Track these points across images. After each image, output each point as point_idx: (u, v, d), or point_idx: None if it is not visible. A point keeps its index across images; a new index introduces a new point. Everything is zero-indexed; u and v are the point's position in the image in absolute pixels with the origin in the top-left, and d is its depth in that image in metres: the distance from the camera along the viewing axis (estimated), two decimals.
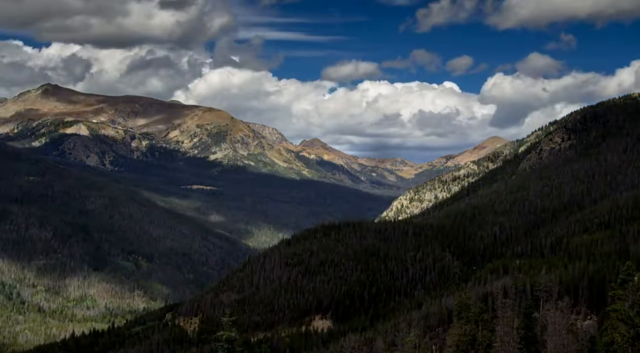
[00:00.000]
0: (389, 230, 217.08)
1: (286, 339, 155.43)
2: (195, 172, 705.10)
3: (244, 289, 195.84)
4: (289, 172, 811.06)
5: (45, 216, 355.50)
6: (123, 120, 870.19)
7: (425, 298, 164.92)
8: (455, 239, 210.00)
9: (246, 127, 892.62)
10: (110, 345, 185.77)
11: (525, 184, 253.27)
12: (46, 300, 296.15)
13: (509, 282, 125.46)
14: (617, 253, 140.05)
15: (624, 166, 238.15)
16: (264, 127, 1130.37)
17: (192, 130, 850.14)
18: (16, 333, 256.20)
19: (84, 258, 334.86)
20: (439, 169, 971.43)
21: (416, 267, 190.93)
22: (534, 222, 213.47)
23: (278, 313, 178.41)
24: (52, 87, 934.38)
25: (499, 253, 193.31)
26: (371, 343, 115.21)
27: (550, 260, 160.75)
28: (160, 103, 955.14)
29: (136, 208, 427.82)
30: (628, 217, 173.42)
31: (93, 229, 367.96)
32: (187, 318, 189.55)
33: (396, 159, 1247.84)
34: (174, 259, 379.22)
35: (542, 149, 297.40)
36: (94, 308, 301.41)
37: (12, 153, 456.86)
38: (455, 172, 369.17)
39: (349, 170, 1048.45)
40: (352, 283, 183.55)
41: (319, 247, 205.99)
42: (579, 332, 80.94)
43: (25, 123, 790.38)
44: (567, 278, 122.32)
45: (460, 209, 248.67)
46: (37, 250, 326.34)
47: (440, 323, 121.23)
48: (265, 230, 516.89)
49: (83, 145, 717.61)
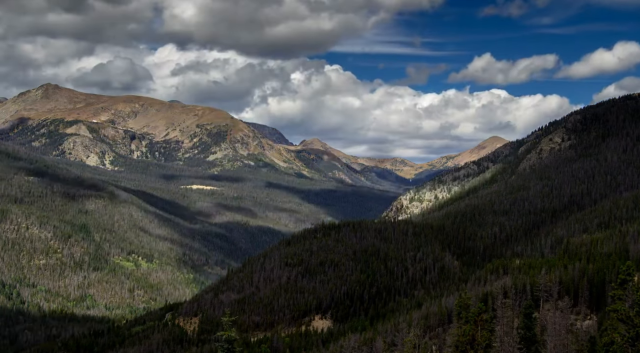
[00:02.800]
0: (389, 230, 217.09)
1: (286, 339, 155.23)
2: (195, 172, 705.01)
3: (243, 289, 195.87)
4: (288, 172, 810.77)
5: (45, 216, 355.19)
6: (123, 120, 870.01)
7: (425, 298, 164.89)
8: (455, 239, 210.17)
9: (246, 127, 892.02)
10: (110, 345, 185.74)
11: (525, 184, 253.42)
12: (46, 300, 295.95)
13: (509, 282, 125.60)
14: (617, 253, 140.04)
15: (624, 166, 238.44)
16: (264, 127, 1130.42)
17: (192, 130, 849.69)
18: (16, 333, 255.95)
19: (84, 258, 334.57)
20: (439, 169, 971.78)
21: (416, 267, 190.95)
22: (534, 222, 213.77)
23: (278, 313, 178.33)
24: (52, 87, 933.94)
25: (499, 253, 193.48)
26: (371, 343, 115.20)
27: (550, 260, 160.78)
28: (160, 103, 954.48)
29: (136, 208, 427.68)
30: (628, 217, 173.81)
31: (93, 229, 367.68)
32: (187, 318, 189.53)
33: (396, 159, 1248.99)
34: (173, 259, 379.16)
35: (542, 149, 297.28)
36: (94, 308, 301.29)
37: (12, 153, 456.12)
38: (455, 172, 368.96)
39: (349, 170, 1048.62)
40: (352, 283, 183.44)
41: (319, 247, 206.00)
42: (578, 332, 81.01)
43: (25, 123, 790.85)
44: (567, 278, 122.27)
45: (460, 209, 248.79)
46: (37, 250, 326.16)
47: (440, 323, 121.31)
48: (265, 230, 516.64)
49: (83, 145, 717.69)
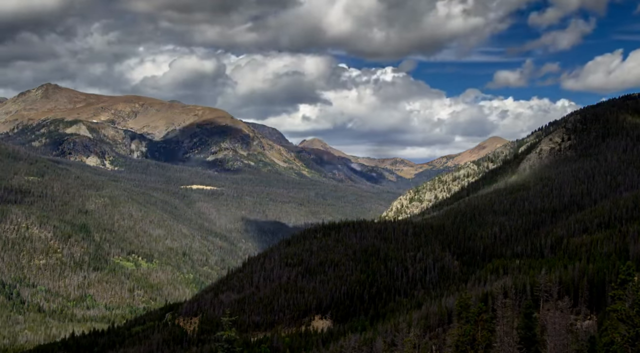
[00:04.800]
0: (389, 230, 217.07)
1: (286, 339, 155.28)
2: (195, 172, 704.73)
3: (243, 289, 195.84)
4: (288, 172, 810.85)
5: (45, 216, 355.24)
6: (123, 120, 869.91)
7: (425, 298, 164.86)
8: (455, 239, 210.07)
9: (246, 127, 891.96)
10: (110, 345, 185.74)
11: (525, 184, 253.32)
12: (46, 300, 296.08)
13: (509, 282, 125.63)
14: (617, 253, 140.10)
15: (624, 166, 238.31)
16: (264, 127, 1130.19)
17: (192, 130, 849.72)
18: (16, 333, 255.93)
19: (84, 258, 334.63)
20: (439, 169, 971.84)
21: (416, 267, 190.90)
22: (534, 222, 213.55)
23: (278, 313, 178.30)
24: (52, 87, 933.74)
25: (499, 253, 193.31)
26: (371, 343, 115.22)
27: (550, 260, 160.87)
28: (160, 103, 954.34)
29: (136, 208, 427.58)
30: (628, 217, 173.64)
31: (93, 229, 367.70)
32: (187, 318, 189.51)
33: (396, 159, 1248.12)
34: (174, 259, 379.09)
35: (542, 149, 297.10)
36: (94, 308, 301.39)
37: (11, 153, 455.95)
38: (455, 172, 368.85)
39: (349, 170, 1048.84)
40: (352, 283, 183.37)
41: (319, 247, 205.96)
42: (578, 332, 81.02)
43: (25, 123, 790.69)
44: (567, 278, 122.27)
45: (460, 209, 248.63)
46: (37, 250, 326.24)
47: (440, 323, 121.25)
48: (264, 230, 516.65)
49: (83, 145, 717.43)
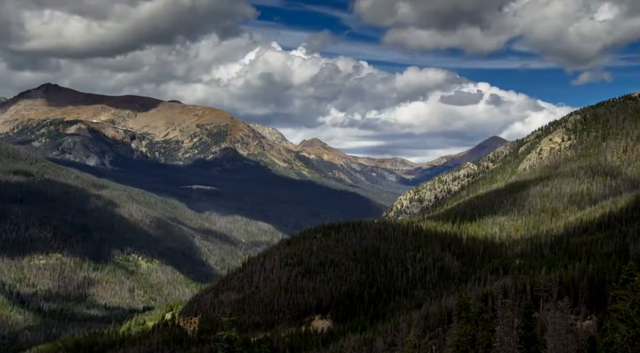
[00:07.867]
0: (389, 230, 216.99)
1: (286, 339, 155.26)
2: (195, 172, 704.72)
3: (243, 289, 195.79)
4: (288, 172, 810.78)
5: (45, 216, 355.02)
6: (123, 120, 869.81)
7: (425, 298, 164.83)
8: (455, 239, 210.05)
9: (246, 127, 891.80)
10: (110, 345, 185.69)
11: (525, 184, 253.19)
12: (46, 300, 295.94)
13: (509, 282, 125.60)
14: (617, 253, 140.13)
15: (624, 166, 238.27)
16: (263, 127, 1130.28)
17: (192, 130, 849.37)
18: (16, 333, 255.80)
19: (84, 258, 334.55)
20: (439, 169, 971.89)
21: (416, 267, 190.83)
22: (533, 222, 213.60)
23: (278, 313, 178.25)
24: (52, 87, 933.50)
25: (499, 253, 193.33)
26: (371, 343, 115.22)
27: (550, 260, 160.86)
28: (161, 103, 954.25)
29: (136, 208, 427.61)
30: (628, 217, 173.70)
31: (93, 229, 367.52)
32: (187, 318, 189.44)
33: (396, 159, 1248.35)
34: (174, 259, 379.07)
35: (542, 149, 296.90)
36: (94, 308, 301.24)
37: (12, 153, 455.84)
38: (455, 172, 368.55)
39: (349, 170, 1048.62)
40: (352, 283, 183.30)
41: (319, 247, 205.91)
42: (579, 332, 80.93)
43: (25, 123, 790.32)
44: (567, 278, 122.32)
45: (460, 209, 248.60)
46: (37, 250, 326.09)
47: (440, 323, 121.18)
48: (265, 230, 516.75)
49: (83, 145, 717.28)
